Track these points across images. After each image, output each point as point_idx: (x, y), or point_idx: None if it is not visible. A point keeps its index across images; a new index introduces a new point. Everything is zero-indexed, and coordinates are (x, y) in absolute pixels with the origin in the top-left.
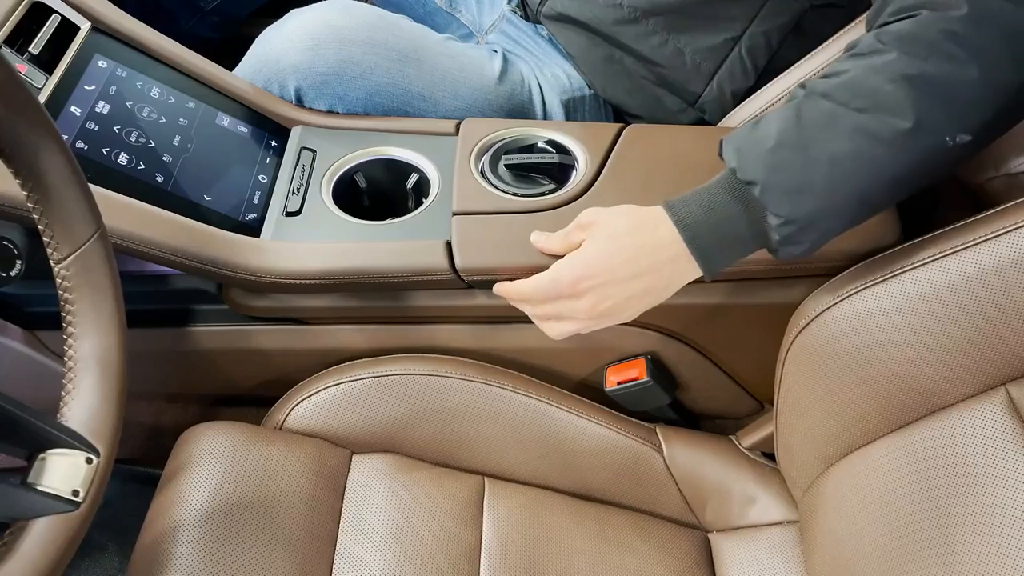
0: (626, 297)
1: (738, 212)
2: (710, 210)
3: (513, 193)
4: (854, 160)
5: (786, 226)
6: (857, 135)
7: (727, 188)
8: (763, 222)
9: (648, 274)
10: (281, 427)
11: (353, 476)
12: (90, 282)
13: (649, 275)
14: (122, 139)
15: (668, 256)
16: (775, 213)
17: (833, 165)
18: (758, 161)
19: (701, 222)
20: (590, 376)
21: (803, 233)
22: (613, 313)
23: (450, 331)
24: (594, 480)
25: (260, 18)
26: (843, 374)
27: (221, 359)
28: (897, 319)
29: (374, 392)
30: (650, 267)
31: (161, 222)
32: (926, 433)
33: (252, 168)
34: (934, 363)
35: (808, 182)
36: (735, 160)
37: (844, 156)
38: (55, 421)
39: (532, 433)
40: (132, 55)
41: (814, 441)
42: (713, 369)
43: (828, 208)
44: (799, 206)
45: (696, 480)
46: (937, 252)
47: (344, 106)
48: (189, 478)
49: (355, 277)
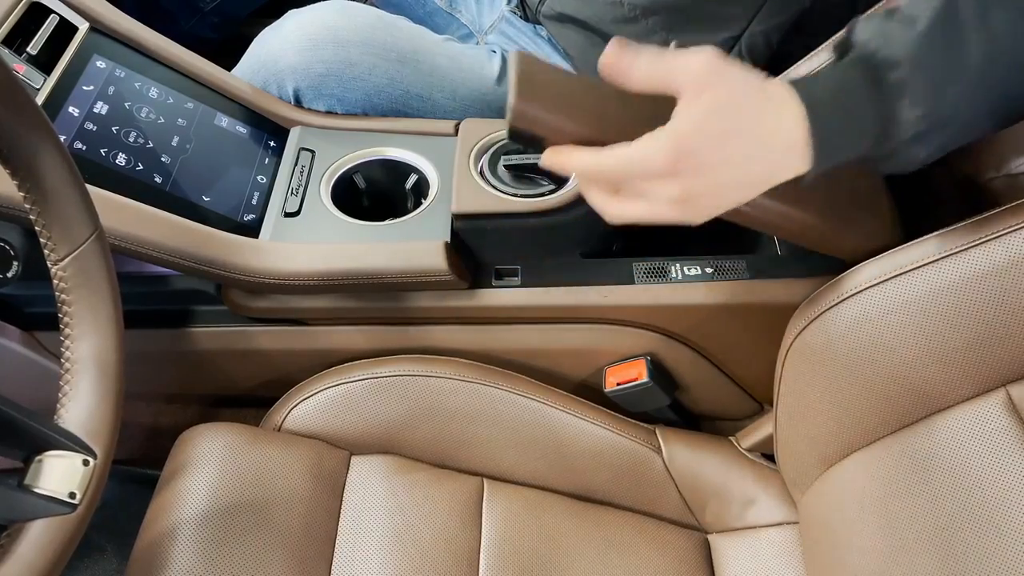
0: (722, 185)
1: (867, 98)
2: (838, 92)
3: (513, 194)
4: (1013, 39)
5: (923, 120)
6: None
7: (861, 68)
8: (893, 114)
9: (758, 162)
10: (280, 428)
11: (352, 477)
12: (87, 283)
13: (758, 163)
14: (120, 140)
15: (785, 143)
16: (913, 103)
17: (988, 56)
18: (906, 41)
19: (827, 104)
20: (589, 377)
21: (934, 134)
22: (700, 205)
23: (449, 332)
24: (593, 481)
25: (259, 18)
26: (843, 375)
27: (220, 360)
28: (897, 320)
29: (373, 393)
30: (763, 154)
31: (159, 223)
32: (926, 434)
33: (251, 169)
34: (934, 364)
35: (959, 68)
36: (878, 38)
37: (1002, 34)
38: (52, 423)
39: (531, 434)
40: (130, 55)
41: (814, 442)
42: (713, 370)
43: (971, 104)
44: (943, 97)
45: (696, 481)
46: (938, 253)
47: (343, 107)
48: (188, 479)
49: (354, 278)
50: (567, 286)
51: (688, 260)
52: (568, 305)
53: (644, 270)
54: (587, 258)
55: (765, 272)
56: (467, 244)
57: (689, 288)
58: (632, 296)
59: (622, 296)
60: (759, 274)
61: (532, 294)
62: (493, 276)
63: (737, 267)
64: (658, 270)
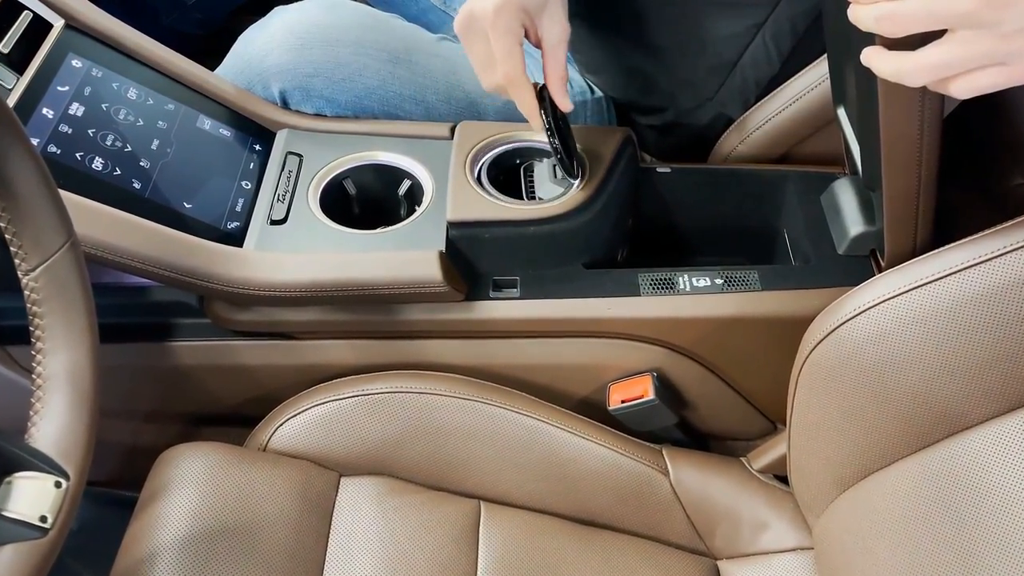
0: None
1: None
2: None
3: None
4: None
5: None
6: None
7: None
8: None
9: None
10: (265, 448)
11: (341, 500)
12: (61, 294)
13: None
14: (97, 143)
15: None
16: None
17: None
18: None
19: None
20: (592, 394)
21: None
22: None
23: (444, 346)
24: (596, 504)
25: (244, 15)
26: (860, 392)
27: (202, 375)
28: (917, 334)
29: (364, 411)
30: None
31: (138, 231)
32: (948, 455)
33: (235, 174)
34: (957, 381)
35: None
36: None
37: None
38: (22, 442)
39: (530, 454)
40: (108, 54)
41: (829, 463)
42: (723, 387)
43: None
44: None
45: (704, 504)
46: (961, 263)
47: (332, 109)
48: (167, 502)
49: (344, 289)
50: (569, 298)
51: (697, 271)
52: (570, 318)
53: (650, 281)
54: (590, 268)
55: (778, 283)
56: (463, 253)
57: (698, 300)
58: (637, 308)
59: (627, 308)
60: (772, 285)
61: (531, 306)
62: (490, 287)
63: (748, 278)
64: (665, 281)
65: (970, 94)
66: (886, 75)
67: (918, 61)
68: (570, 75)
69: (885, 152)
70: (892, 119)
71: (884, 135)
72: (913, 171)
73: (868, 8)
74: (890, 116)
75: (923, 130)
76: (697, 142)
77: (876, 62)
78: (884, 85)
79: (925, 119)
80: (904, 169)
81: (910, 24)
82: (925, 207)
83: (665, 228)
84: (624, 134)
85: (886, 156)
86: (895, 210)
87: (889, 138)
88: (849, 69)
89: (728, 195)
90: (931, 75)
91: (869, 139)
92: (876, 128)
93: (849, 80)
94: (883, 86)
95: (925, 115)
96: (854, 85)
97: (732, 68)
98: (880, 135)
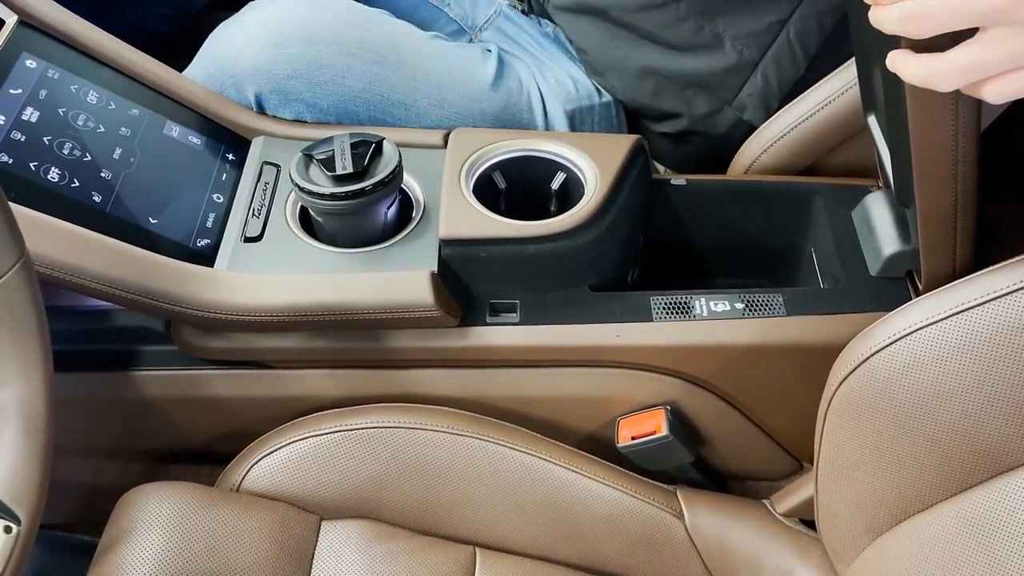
0: None
1: None
2: None
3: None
4: None
5: None
6: None
7: None
8: None
9: None
10: (238, 488)
11: (323, 545)
12: (10, 319)
13: None
14: (53, 152)
15: None
16: None
17: None
18: None
19: None
20: (599, 430)
21: None
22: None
23: (436, 376)
24: (604, 551)
25: (215, 11)
26: (895, 429)
27: (169, 408)
28: (958, 365)
29: (347, 447)
30: None
31: (98, 249)
32: (991, 498)
33: (206, 186)
34: (1001, 417)
35: None
36: None
37: None
38: None
39: (531, 496)
40: (66, 53)
41: (861, 507)
42: (743, 422)
43: None
44: None
45: (723, 552)
46: (1005, 287)
47: (313, 114)
48: (130, 547)
49: (325, 313)
50: (573, 323)
51: (715, 294)
52: (575, 346)
53: (664, 305)
54: (597, 291)
55: (805, 308)
56: (457, 274)
57: (716, 326)
58: (650, 335)
59: (638, 335)
60: (797, 310)
61: (532, 333)
62: (487, 311)
63: (772, 302)
64: (680, 305)
65: (1006, 98)
66: (914, 80)
67: (948, 63)
68: (576, 76)
69: (917, 165)
70: (923, 128)
71: (915, 146)
72: (949, 186)
73: (890, 8)
74: (921, 125)
75: (957, 140)
76: (715, 152)
77: (902, 66)
78: (913, 91)
79: (959, 128)
80: (939, 183)
81: (937, 23)
82: (964, 225)
83: (680, 246)
84: (635, 142)
85: (918, 169)
86: (931, 228)
87: (921, 149)
88: (876, 74)
89: (749, 210)
90: (963, 78)
91: (900, 150)
92: (907, 138)
93: (877, 86)
94: (912, 92)
95: (959, 123)
96: (882, 91)
97: (753, 69)
98: (911, 146)
